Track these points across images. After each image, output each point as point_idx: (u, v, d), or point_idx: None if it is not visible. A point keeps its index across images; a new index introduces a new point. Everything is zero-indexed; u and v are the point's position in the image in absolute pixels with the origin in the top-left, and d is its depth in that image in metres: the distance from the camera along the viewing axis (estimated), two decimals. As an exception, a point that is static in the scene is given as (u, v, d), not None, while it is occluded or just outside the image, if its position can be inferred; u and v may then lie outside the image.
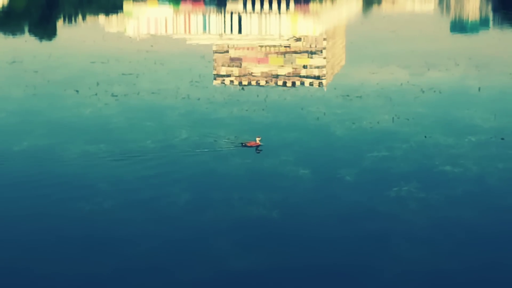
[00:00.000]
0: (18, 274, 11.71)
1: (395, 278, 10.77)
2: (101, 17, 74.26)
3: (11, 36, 57.03)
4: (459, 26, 64.06)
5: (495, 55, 40.77)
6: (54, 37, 56.00)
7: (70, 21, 71.91)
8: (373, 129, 20.44)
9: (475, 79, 29.77)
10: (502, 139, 19.28)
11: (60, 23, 69.15)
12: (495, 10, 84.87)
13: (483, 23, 68.70)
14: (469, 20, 72.27)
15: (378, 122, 21.20)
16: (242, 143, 18.29)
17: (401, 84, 27.87)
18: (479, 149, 18.35)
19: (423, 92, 26.24)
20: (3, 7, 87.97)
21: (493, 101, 25.12)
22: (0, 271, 11.88)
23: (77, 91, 26.50)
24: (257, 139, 17.90)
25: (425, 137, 19.50)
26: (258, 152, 17.41)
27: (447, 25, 65.26)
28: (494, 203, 14.41)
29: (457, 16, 77.93)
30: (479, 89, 27.30)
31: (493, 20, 72.11)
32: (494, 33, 57.52)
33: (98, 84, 27.79)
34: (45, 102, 25.27)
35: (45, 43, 51.76)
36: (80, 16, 75.85)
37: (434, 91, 26.44)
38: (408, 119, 21.55)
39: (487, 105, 24.39)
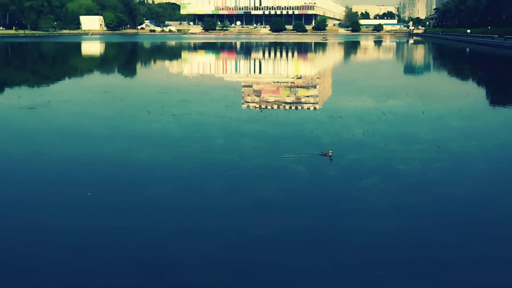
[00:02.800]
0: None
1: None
2: (167, 62, 74.90)
3: (105, 74, 57.56)
4: (409, 69, 64.22)
5: (433, 89, 40.91)
6: (134, 75, 56.39)
7: (145, 64, 72.65)
8: (349, 139, 20.42)
9: (420, 105, 29.76)
10: (438, 147, 19.19)
11: (138, 65, 69.99)
12: (434, 58, 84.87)
13: (426, 67, 68.81)
14: (416, 65, 72.35)
15: (353, 135, 21.10)
16: (321, 153, 17.44)
17: (369, 108, 27.74)
18: (422, 153, 18.23)
19: (384, 114, 26.11)
20: (101, 55, 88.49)
21: (432, 121, 25.02)
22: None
23: (149, 112, 26.55)
24: (330, 152, 17.09)
25: (385, 145, 19.41)
26: (331, 161, 16.66)
27: (401, 68, 65.29)
28: (434, 191, 14.39)
29: (408, 62, 78.01)
30: (423, 112, 27.12)
31: (433, 65, 72.07)
32: (433, 74, 57.54)
33: (163, 107, 27.86)
34: (127, 119, 25.32)
35: (128, 79, 52.09)
36: (152, 61, 76.52)
37: (392, 114, 26.38)
38: (373, 133, 21.45)
39: (428, 123, 24.29)
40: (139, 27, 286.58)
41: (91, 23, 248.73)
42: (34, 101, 30.53)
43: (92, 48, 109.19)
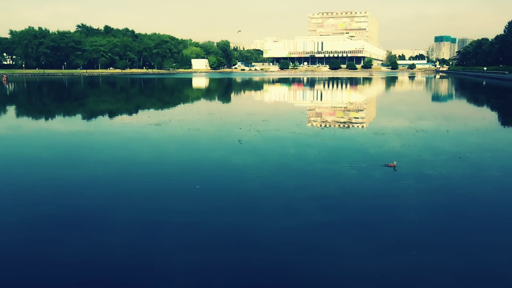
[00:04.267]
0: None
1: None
2: (252, 92, 75.54)
3: (209, 101, 58.60)
4: (436, 97, 61.83)
5: (456, 113, 39.22)
6: (229, 101, 57.05)
7: (237, 93, 73.52)
8: (390, 151, 19.84)
9: (445, 125, 28.52)
10: (460, 157, 18.44)
11: (232, 94, 70.85)
12: (456, 89, 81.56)
13: (449, 96, 66.05)
14: (442, 94, 69.79)
15: (393, 147, 20.59)
16: (385, 164, 16.46)
17: (405, 127, 27.00)
18: (447, 162, 17.59)
19: (417, 131, 25.33)
20: (206, 87, 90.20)
21: (455, 137, 24.08)
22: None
23: (240, 128, 26.92)
24: (395, 162, 16.28)
25: (418, 155, 18.84)
26: (395, 170, 15.86)
27: (430, 97, 63.02)
28: (456, 192, 13.96)
29: (435, 92, 75.22)
30: (447, 131, 26.11)
31: (455, 94, 69.24)
32: (455, 102, 55.18)
33: (250, 125, 28.10)
34: (224, 133, 25.72)
35: (225, 104, 52.73)
36: (242, 91, 77.42)
37: (423, 131, 25.50)
38: (409, 146, 20.86)
39: (451, 139, 23.37)
40: (233, 67, 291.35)
41: (199, 64, 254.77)
42: (159, 120, 31.63)
43: (199, 82, 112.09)
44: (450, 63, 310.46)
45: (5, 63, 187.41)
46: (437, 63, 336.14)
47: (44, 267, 8.89)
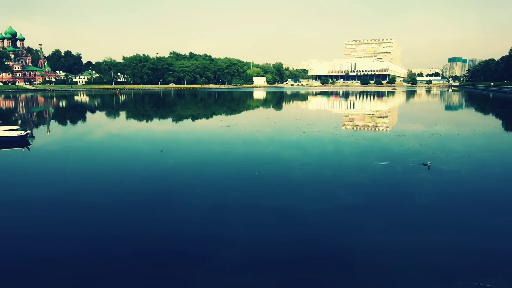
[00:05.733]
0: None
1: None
2: (299, 102, 74.49)
3: (265, 108, 57.56)
4: (449, 107, 58.29)
5: (465, 119, 36.67)
6: (281, 108, 56.19)
7: (287, 102, 72.53)
8: (409, 149, 18.96)
9: (456, 130, 26.84)
10: (469, 156, 17.33)
11: (284, 103, 69.72)
12: (466, 100, 76.68)
13: (460, 106, 62.05)
14: (453, 104, 65.77)
15: (412, 146, 19.66)
16: (424, 163, 15.20)
17: (422, 131, 25.70)
18: (457, 159, 16.58)
19: (432, 134, 24.02)
20: (263, 98, 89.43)
21: (464, 139, 22.60)
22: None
23: (289, 130, 26.74)
24: (429, 163, 15.10)
25: (433, 153, 17.88)
26: (429, 169, 14.65)
27: (443, 106, 59.53)
28: (464, 183, 13.18)
29: (448, 102, 70.98)
30: (458, 134, 24.63)
31: (465, 105, 64.96)
32: (465, 110, 51.76)
33: (297, 127, 27.88)
34: (277, 133, 25.48)
35: (278, 111, 51.97)
36: (291, 101, 76.45)
37: (437, 134, 24.13)
38: (425, 146, 19.82)
39: (461, 141, 21.96)
40: (284, 83, 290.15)
41: (259, 81, 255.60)
42: (228, 123, 32.05)
43: (258, 94, 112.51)
44: (461, 79, 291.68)
45: (119, 80, 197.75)
46: (450, 79, 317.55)
47: (140, 232, 9.34)
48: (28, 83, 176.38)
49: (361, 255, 7.98)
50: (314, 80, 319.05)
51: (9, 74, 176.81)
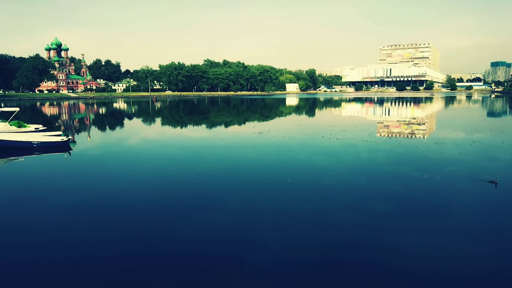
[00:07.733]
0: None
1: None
2: (333, 108, 73.43)
3: (298, 114, 57.35)
4: (491, 113, 55.54)
5: (509, 126, 34.98)
6: (314, 115, 55.83)
7: (320, 109, 71.72)
8: (449, 157, 18.22)
9: (499, 137, 25.50)
10: (513, 165, 16.49)
11: (317, 110, 68.72)
12: (509, 107, 72.87)
13: (503, 112, 59.02)
14: (496, 110, 62.62)
15: (451, 155, 18.88)
16: (490, 180, 13.74)
17: (463, 138, 24.66)
18: (501, 168, 15.74)
19: (473, 142, 22.99)
20: (296, 104, 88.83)
21: (509, 148, 21.36)
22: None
23: (322, 137, 26.47)
24: (496, 180, 13.58)
25: (475, 162, 17.06)
26: (496, 187, 13.21)
27: (485, 113, 56.74)
28: (508, 193, 12.48)
29: (490, 109, 67.67)
30: (502, 142, 23.43)
31: (508, 111, 61.74)
32: (509, 117, 49.19)
33: (331, 134, 27.56)
34: (310, 140, 25.24)
35: (311, 117, 51.54)
36: (324, 108, 75.56)
37: (479, 142, 23.07)
38: (466, 154, 18.98)
39: (505, 149, 20.79)
40: (317, 89, 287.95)
41: (292, 87, 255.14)
42: (261, 129, 32.14)
43: (291, 101, 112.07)
44: (505, 84, 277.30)
45: (155, 87, 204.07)
46: (493, 84, 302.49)
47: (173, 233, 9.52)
48: (71, 91, 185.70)
49: (395, 264, 7.73)
50: (348, 86, 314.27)
51: (54, 83, 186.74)
